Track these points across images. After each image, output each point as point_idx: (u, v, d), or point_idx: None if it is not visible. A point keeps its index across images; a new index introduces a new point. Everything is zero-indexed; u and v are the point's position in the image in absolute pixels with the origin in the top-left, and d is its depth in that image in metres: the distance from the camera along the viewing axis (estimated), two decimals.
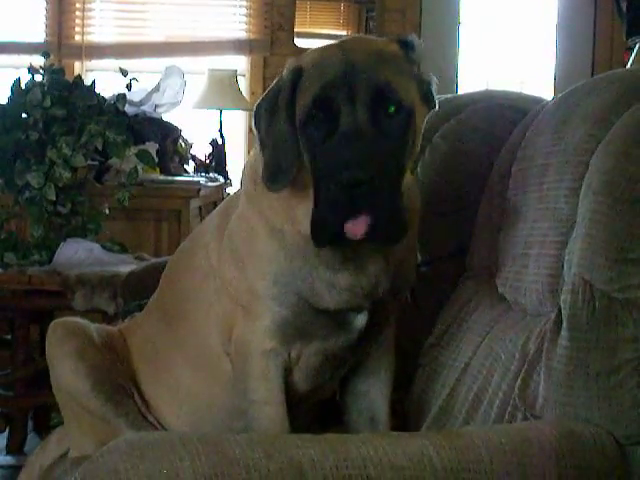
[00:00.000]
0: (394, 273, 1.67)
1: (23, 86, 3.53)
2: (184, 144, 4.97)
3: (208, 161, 5.38)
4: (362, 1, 6.18)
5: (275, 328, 1.63)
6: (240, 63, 6.09)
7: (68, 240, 3.53)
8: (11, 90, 3.54)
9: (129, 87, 3.90)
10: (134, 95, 4.39)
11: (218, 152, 5.45)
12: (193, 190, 4.34)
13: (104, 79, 5.12)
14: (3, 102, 3.53)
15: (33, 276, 3.36)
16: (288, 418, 1.65)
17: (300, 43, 5.97)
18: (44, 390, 2.11)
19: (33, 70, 3.57)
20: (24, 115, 3.51)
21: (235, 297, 1.68)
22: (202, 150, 5.40)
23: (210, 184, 4.74)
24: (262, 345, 1.64)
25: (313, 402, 1.81)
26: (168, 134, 4.63)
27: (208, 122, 5.74)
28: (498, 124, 2.06)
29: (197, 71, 5.79)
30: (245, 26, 6.07)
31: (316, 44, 1.62)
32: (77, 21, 6.03)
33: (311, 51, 1.59)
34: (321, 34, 6.13)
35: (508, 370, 1.63)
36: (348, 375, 1.81)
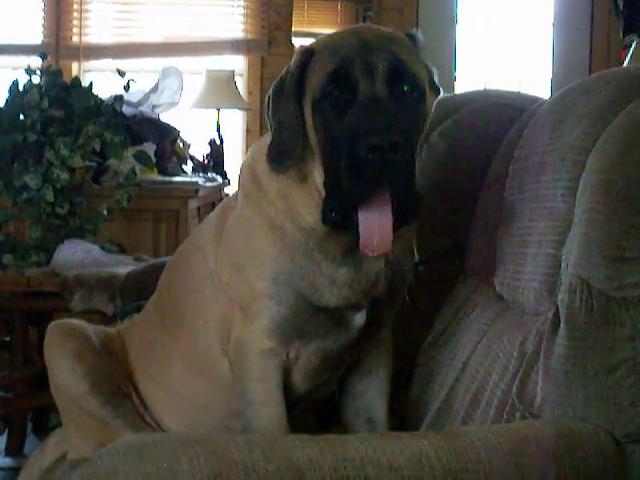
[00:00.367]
0: (392, 272, 1.67)
1: (21, 87, 3.54)
2: (182, 144, 4.96)
3: (206, 161, 5.37)
4: (359, 0, 6.17)
5: (274, 327, 1.63)
6: (238, 63, 6.09)
7: (66, 241, 3.53)
8: (9, 92, 3.54)
9: (127, 88, 3.90)
10: (132, 96, 4.39)
11: (216, 152, 5.45)
12: (191, 190, 4.33)
13: (102, 80, 5.13)
14: (1, 104, 3.53)
15: (31, 278, 3.37)
16: (287, 419, 1.65)
17: (297, 42, 5.97)
18: (43, 392, 2.11)
19: (31, 72, 3.57)
20: (22, 116, 3.52)
21: (233, 297, 1.68)
22: (200, 150, 5.40)
23: (208, 184, 4.74)
24: (260, 345, 1.64)
25: (311, 402, 1.80)
26: (166, 134, 4.62)
27: (206, 122, 5.74)
28: (495, 123, 2.06)
29: (195, 71, 5.79)
30: (242, 26, 6.07)
31: None
32: (75, 22, 6.03)
33: (322, 36, 1.61)
34: (318, 33, 6.09)
35: (506, 369, 1.63)
36: (346, 375, 1.81)
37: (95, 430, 1.85)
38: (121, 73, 3.88)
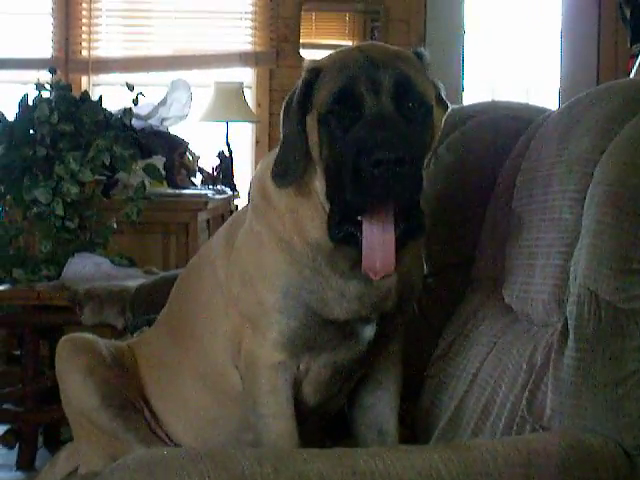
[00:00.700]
0: (402, 284, 1.67)
1: (30, 102, 3.56)
2: (191, 157, 4.98)
3: (215, 173, 5.39)
4: (367, 11, 6.19)
5: (284, 341, 1.63)
6: (246, 75, 6.11)
7: (76, 255, 3.55)
8: (19, 106, 3.56)
9: (136, 101, 3.92)
10: (141, 109, 4.41)
11: (225, 164, 5.47)
12: (201, 203, 4.34)
13: (111, 93, 5.15)
14: (11, 118, 3.55)
15: (42, 291, 3.38)
16: (297, 432, 1.65)
17: (306, 54, 5.98)
18: (54, 405, 2.12)
19: (40, 86, 3.59)
20: (32, 131, 3.54)
21: (243, 311, 1.68)
22: (209, 163, 5.42)
23: (218, 196, 4.75)
24: (271, 358, 1.64)
25: (322, 415, 1.80)
26: (175, 147, 4.64)
27: (215, 135, 5.76)
28: (502, 135, 2.07)
29: (204, 84, 5.82)
30: (251, 39, 6.10)
31: (322, 55, 1.63)
32: (84, 36, 6.06)
33: (329, 54, 1.61)
34: (326, 45, 6.14)
35: (516, 381, 1.63)
36: (356, 387, 1.81)
37: (106, 444, 1.85)
38: (130, 87, 3.89)
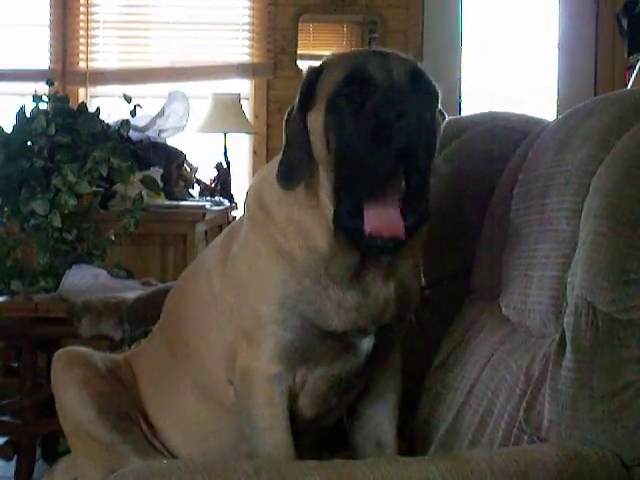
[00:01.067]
0: (399, 294, 1.67)
1: (28, 114, 3.55)
2: (189, 168, 4.98)
3: (213, 185, 5.39)
4: (365, 23, 6.20)
5: (279, 353, 1.62)
6: (244, 87, 6.11)
7: (74, 267, 3.53)
8: (16, 118, 3.56)
9: (133, 113, 3.92)
10: (138, 120, 4.40)
11: (223, 176, 5.47)
12: (198, 214, 4.34)
13: (108, 105, 5.15)
14: (8, 130, 3.55)
15: (39, 303, 3.37)
16: (293, 444, 1.64)
17: (303, 65, 5.99)
18: (52, 417, 2.10)
19: (38, 98, 3.59)
20: (29, 143, 3.52)
21: (237, 323, 1.67)
22: (207, 174, 5.42)
23: (215, 208, 4.75)
24: (267, 370, 1.63)
25: (320, 428, 1.80)
26: (173, 159, 4.64)
27: (213, 146, 5.76)
28: (499, 146, 2.07)
29: (201, 95, 5.81)
30: (248, 50, 6.10)
31: None
32: (81, 48, 6.07)
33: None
34: (324, 56, 6.12)
35: (513, 392, 1.63)
36: (355, 399, 1.80)
37: (103, 456, 1.85)
38: (127, 98, 3.89)
